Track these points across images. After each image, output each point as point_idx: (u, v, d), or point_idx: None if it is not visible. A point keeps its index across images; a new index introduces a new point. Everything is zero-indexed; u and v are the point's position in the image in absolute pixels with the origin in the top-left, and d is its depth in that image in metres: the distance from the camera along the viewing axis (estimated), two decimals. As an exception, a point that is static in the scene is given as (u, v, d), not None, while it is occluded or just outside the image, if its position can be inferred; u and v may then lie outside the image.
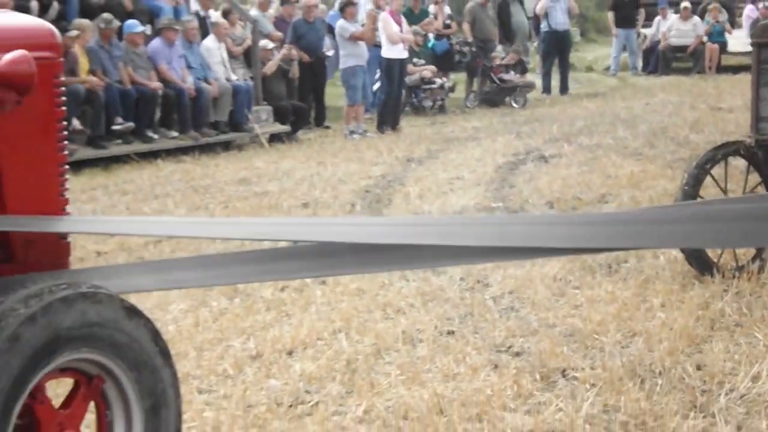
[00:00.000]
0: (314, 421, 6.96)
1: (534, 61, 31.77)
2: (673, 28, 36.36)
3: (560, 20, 30.72)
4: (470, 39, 28.85)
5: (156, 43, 21.22)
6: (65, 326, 4.82)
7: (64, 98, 5.68)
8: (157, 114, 20.90)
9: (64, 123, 5.69)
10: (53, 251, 5.57)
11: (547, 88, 30.51)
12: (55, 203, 5.60)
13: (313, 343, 8.59)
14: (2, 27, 5.57)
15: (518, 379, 7.57)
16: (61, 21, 18.95)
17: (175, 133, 20.91)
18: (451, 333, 8.81)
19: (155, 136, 20.52)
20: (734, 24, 37.77)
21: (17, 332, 4.69)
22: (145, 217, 13.73)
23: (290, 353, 8.39)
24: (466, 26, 29.25)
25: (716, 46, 35.85)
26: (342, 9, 24.34)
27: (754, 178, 10.62)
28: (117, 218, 12.71)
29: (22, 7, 17.95)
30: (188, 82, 21.24)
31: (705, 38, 35.97)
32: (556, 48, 31.01)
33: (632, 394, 7.22)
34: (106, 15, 20.39)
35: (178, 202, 15.36)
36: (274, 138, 22.43)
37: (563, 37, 31.22)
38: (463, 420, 6.84)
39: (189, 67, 21.57)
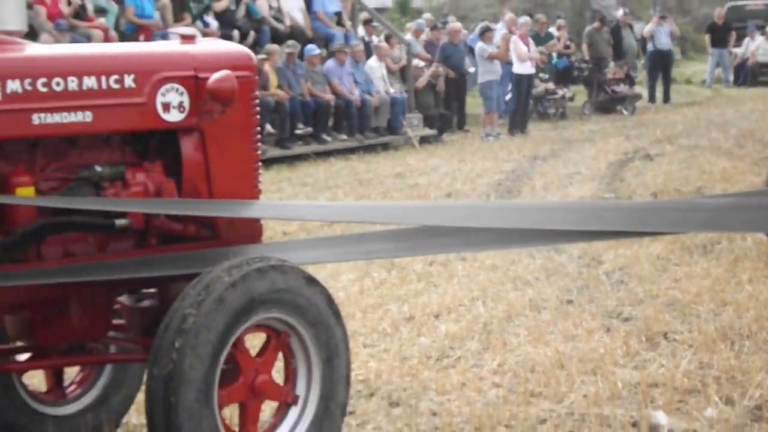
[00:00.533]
0: (457, 372, 6.95)
1: (641, 75, 31.32)
2: (760, 47, 35.84)
3: (664, 41, 30.41)
4: (587, 57, 28.60)
5: (330, 63, 21.35)
6: (259, 292, 4.89)
7: (258, 108, 5.75)
8: (330, 121, 21.02)
9: (258, 128, 5.75)
10: (249, 231, 5.62)
11: (652, 98, 30.13)
12: (251, 192, 5.65)
13: (455, 308, 8.57)
14: (211, 52, 5.63)
15: (627, 341, 7.49)
16: (256, 46, 19.14)
17: (344, 136, 21.05)
18: (570, 302, 8.74)
19: (329, 139, 20.67)
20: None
21: (222, 296, 4.78)
22: (321, 203, 13.82)
23: (437, 316, 8.38)
24: (584, 47, 29.03)
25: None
26: (481, 34, 24.26)
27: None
28: (299, 203, 12.84)
29: (226, 36, 18.20)
30: (355, 95, 21.35)
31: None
32: (660, 64, 30.64)
33: (723, 354, 7.12)
34: (290, 41, 20.60)
35: (347, 192, 15.42)
36: (424, 140, 22.40)
37: (666, 56, 30.86)
38: (580, 373, 6.78)
39: (356, 82, 21.65)
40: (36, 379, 6.10)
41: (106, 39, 17.68)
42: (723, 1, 44.30)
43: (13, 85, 4.92)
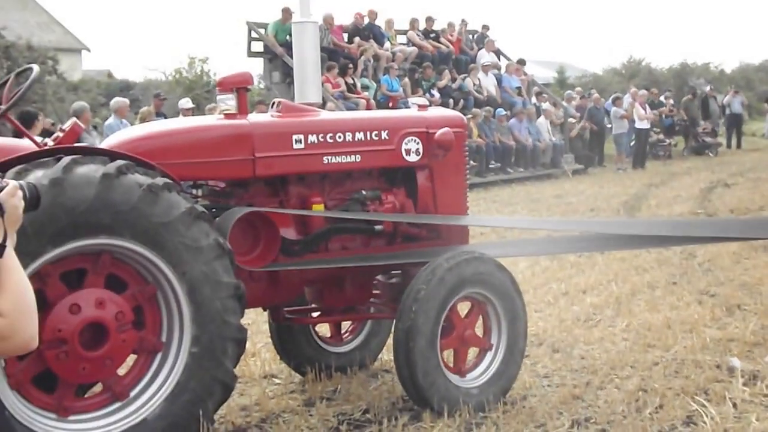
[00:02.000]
0: (598, 330, 6.73)
1: (722, 130, 30.13)
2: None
3: (736, 108, 29.27)
4: (685, 118, 27.66)
5: (513, 120, 21.15)
6: (467, 274, 4.84)
7: (467, 151, 5.69)
8: (512, 158, 20.77)
9: (467, 165, 5.70)
10: (461, 234, 5.56)
11: (729, 145, 28.95)
12: (462, 208, 5.59)
13: (597, 287, 8.31)
14: (437, 116, 5.63)
15: (713, 310, 7.15)
16: (464, 110, 19.04)
17: (521, 169, 20.76)
18: (674, 283, 8.38)
19: (511, 171, 20.43)
20: None
21: (443, 276, 4.76)
22: (505, 216, 13.70)
23: (584, 292, 8.13)
24: (682, 112, 28.04)
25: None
26: (614, 101, 23.66)
27: None
28: (492, 217, 12.75)
29: (445, 104, 18.27)
30: (529, 142, 21.06)
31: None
32: (734, 123, 29.52)
33: (783, 322, 6.75)
34: (486, 107, 20.47)
35: (523, 207, 15.19)
36: (575, 172, 21.96)
37: (738, 117, 29.67)
38: (681, 332, 6.49)
39: (529, 133, 21.38)
40: (324, 328, 6.14)
41: (368, 106, 17.89)
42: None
43: (312, 138, 4.97)
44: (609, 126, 24.60)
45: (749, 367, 5.65)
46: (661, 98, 28.89)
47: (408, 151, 5.29)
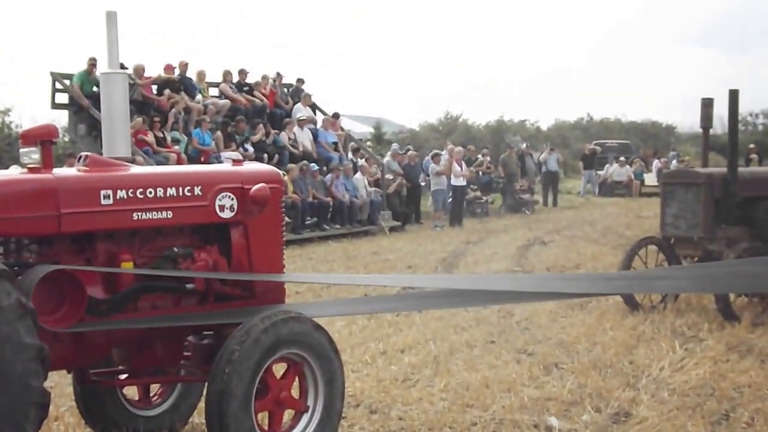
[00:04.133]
0: (416, 390, 6.94)
1: (538, 187, 31.58)
2: (615, 170, 36.26)
3: (553, 166, 30.68)
4: (503, 175, 28.76)
5: (329, 176, 21.42)
6: (283, 335, 4.93)
7: (283, 208, 5.81)
8: (329, 215, 20.98)
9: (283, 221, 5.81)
10: (277, 292, 5.66)
11: (545, 203, 30.33)
12: (279, 265, 5.70)
13: (415, 346, 8.55)
14: (252, 170, 5.70)
15: (531, 369, 7.52)
16: (279, 165, 19.16)
17: (338, 226, 20.98)
18: (492, 342, 8.74)
19: (327, 227, 20.63)
20: (648, 168, 37.47)
21: (258, 337, 4.83)
22: (323, 273, 13.86)
23: (402, 351, 8.35)
24: (499, 169, 29.19)
25: (638, 181, 35.63)
26: (432, 158, 24.41)
27: (661, 257, 10.54)
28: (308, 274, 12.88)
29: (259, 158, 18.31)
30: (346, 198, 21.38)
31: (633, 176, 35.78)
32: (550, 180, 30.94)
33: (594, 378, 7.17)
34: (302, 162, 20.64)
35: (340, 264, 15.41)
36: (392, 229, 22.39)
37: (554, 175, 31.11)
38: (500, 391, 6.79)
39: (346, 189, 21.70)
40: (132, 391, 6.07)
41: (179, 161, 17.75)
42: (590, 139, 45.23)
43: (121, 193, 4.98)
44: (423, 184, 25.36)
45: (567, 426, 5.97)
46: (479, 155, 30.01)
47: (222, 207, 5.36)
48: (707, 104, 10.71)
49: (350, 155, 23.96)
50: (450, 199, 24.33)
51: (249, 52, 74.73)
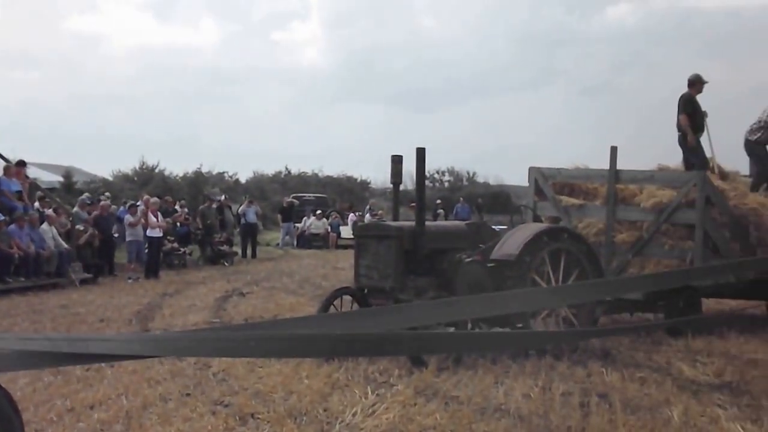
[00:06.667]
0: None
1: (237, 239, 31.84)
2: (313, 223, 37.31)
3: (251, 218, 31.18)
4: (201, 226, 28.77)
5: (13, 227, 20.46)
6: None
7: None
8: (13, 267, 19.98)
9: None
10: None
11: (244, 255, 30.61)
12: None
13: (105, 401, 8.34)
14: None
15: (227, 420, 7.60)
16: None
17: (23, 279, 20.03)
18: (188, 395, 8.73)
19: (10, 280, 19.65)
20: (344, 221, 38.80)
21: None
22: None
23: (92, 407, 8.15)
24: (198, 220, 29.17)
25: (335, 234, 36.86)
26: (128, 208, 24.00)
27: (355, 306, 11.01)
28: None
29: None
30: (32, 249, 20.48)
31: (329, 229, 36.97)
32: (249, 233, 31.33)
33: (290, 425, 7.39)
34: (-16, 210, 19.63)
35: (24, 320, 14.68)
36: (83, 281, 21.69)
37: (253, 227, 31.58)
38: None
39: (32, 240, 20.82)
40: None
41: None
42: (288, 192, 46.35)
43: None
44: (117, 235, 24.85)
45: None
46: (176, 206, 29.84)
47: None
48: (397, 161, 11.39)
49: (37, 204, 23.03)
50: (146, 250, 24.00)
51: None
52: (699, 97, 14.83)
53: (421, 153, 10.76)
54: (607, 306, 12.04)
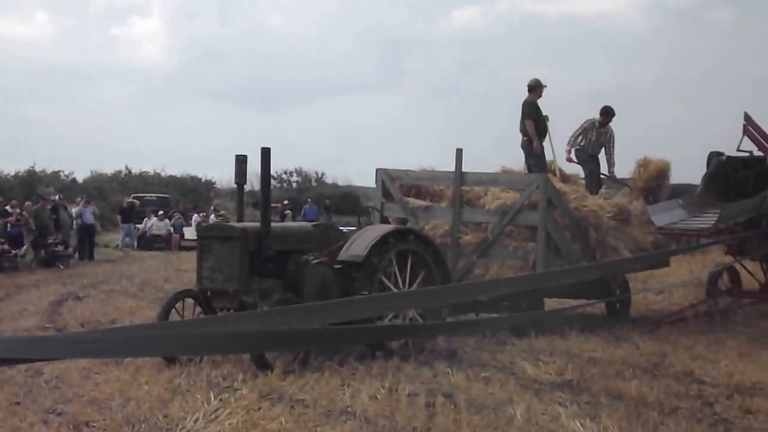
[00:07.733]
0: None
1: (73, 240, 30.87)
2: (154, 224, 36.61)
3: (88, 219, 30.30)
4: (34, 227, 27.62)
5: None
6: None
7: None
8: None
9: None
10: None
11: (81, 257, 29.71)
12: None
13: None
14: None
15: (59, 429, 7.37)
16: None
17: None
18: (17, 403, 8.41)
19: None
20: (188, 222, 38.25)
21: None
22: None
23: None
24: (31, 221, 28.05)
25: (178, 235, 36.27)
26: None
27: (198, 309, 10.83)
28: None
29: None
30: None
31: (172, 230, 36.38)
32: (87, 234, 30.47)
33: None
34: None
35: None
36: None
37: (90, 228, 30.68)
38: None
39: None
40: None
41: None
42: (129, 192, 45.39)
43: None
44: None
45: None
46: (7, 207, 28.76)
47: None
48: (241, 161, 11.23)
49: None
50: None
51: None
52: (540, 101, 15.29)
53: (265, 153, 10.68)
54: (451, 308, 12.20)
